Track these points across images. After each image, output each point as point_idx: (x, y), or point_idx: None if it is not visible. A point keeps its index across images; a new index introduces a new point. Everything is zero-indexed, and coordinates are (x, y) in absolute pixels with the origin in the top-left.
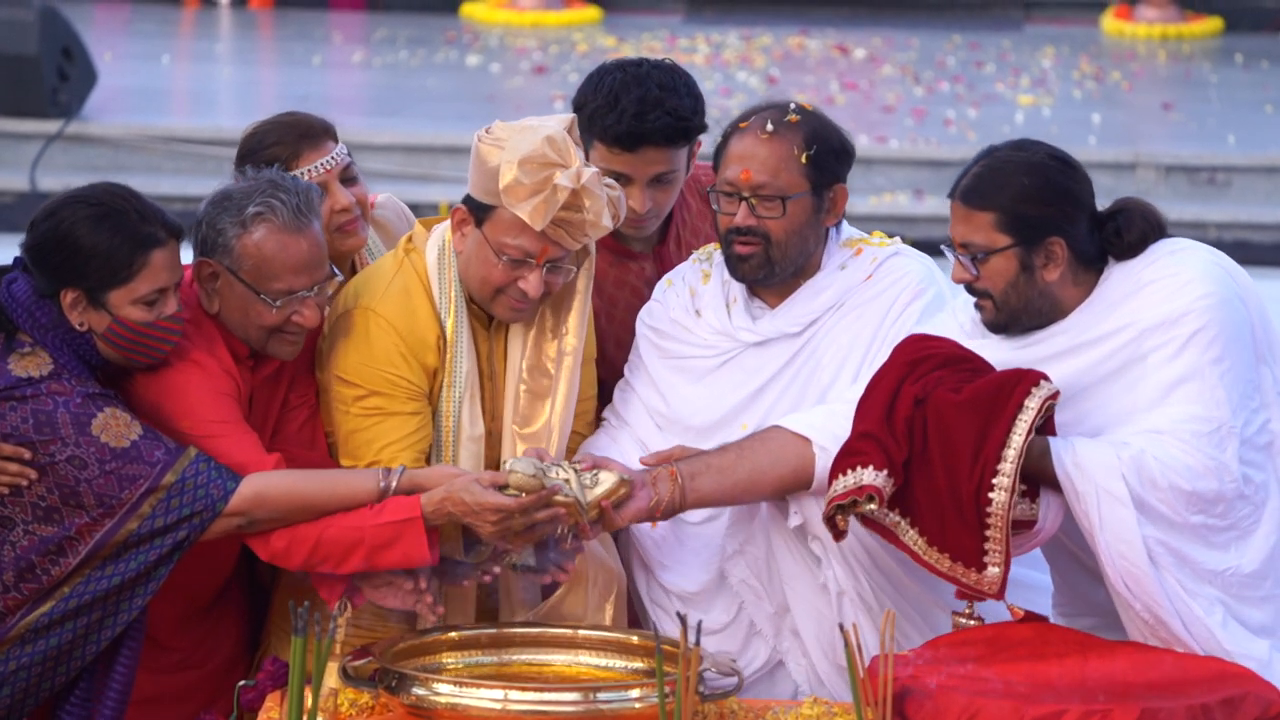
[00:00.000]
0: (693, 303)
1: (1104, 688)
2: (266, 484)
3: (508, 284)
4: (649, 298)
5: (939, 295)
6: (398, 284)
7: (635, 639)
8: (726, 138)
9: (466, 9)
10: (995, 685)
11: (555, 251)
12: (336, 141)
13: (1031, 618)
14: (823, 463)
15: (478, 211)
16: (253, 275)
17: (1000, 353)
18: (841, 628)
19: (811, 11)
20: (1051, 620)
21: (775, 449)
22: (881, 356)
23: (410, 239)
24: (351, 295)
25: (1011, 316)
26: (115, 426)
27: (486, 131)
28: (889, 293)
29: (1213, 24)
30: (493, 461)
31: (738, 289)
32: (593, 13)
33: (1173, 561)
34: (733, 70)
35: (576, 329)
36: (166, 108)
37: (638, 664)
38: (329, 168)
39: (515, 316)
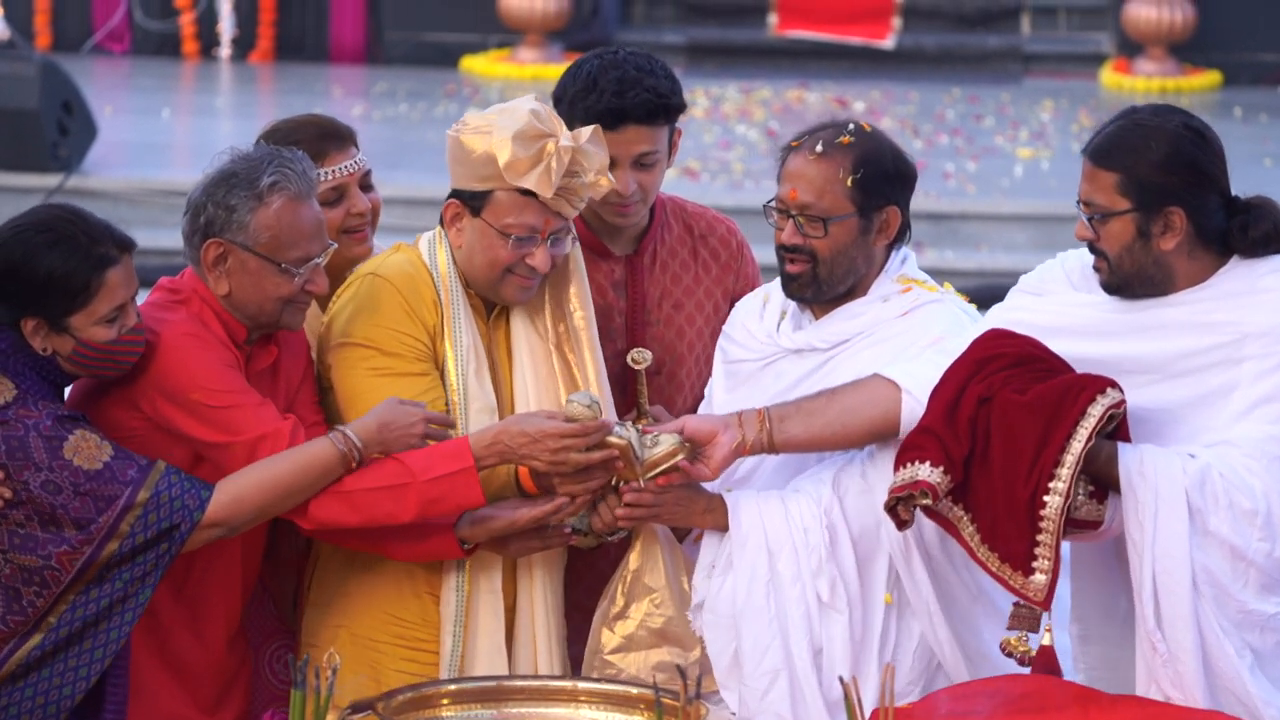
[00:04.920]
0: (763, 309)
1: None
2: (240, 486)
3: (516, 262)
4: (613, 300)
5: (954, 350)
6: (398, 256)
7: (635, 691)
8: (785, 154)
9: (466, 62)
10: None
11: (556, 223)
12: (358, 149)
13: (1036, 667)
14: (909, 408)
15: (472, 201)
16: (270, 247)
17: (1098, 312)
18: (841, 679)
19: (811, 65)
20: (1070, 636)
21: (866, 394)
22: None
23: (404, 243)
24: (353, 274)
25: (1124, 281)
26: (87, 449)
27: (462, 124)
28: (912, 333)
29: (1211, 78)
30: None
31: None
32: None
33: (1213, 595)
34: (732, 123)
35: (581, 303)
36: (167, 161)
37: (638, 717)
38: (351, 171)
39: (522, 296)
